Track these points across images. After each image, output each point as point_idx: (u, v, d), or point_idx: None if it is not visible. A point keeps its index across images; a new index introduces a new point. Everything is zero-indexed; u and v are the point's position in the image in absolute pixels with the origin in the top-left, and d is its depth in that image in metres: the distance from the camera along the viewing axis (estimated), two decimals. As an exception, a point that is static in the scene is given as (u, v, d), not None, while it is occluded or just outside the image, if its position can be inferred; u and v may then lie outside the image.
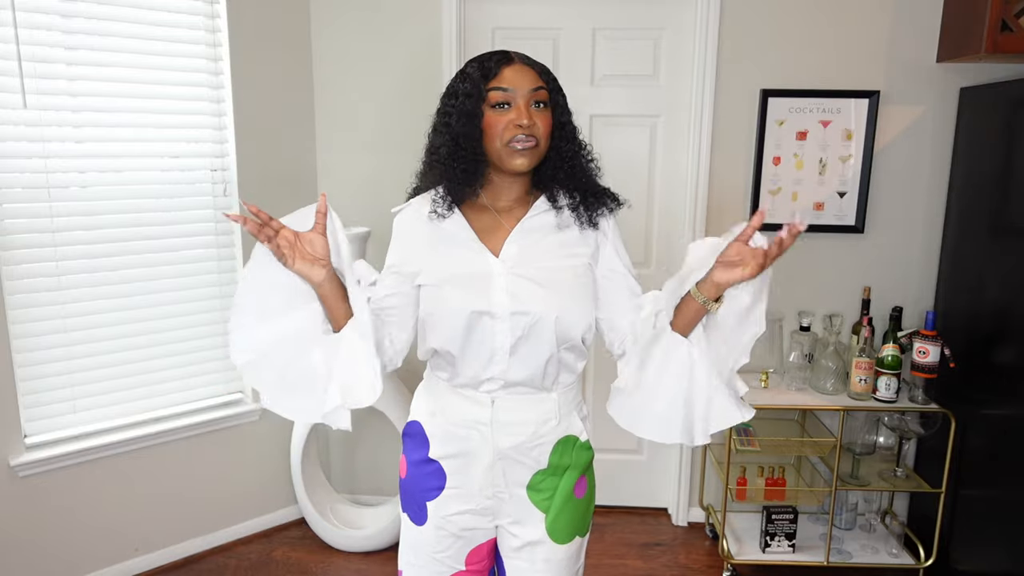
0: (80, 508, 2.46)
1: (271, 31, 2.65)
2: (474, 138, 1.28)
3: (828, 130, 2.62)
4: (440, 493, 1.40)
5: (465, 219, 1.34)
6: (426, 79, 2.72)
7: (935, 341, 2.38)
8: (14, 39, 2.16)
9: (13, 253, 2.26)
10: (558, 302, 1.29)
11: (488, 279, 1.30)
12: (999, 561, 2.28)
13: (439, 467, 1.40)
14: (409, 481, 1.44)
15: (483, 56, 1.32)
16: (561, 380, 1.37)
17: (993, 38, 2.23)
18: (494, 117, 1.27)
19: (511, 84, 1.27)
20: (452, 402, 1.38)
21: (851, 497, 2.71)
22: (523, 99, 1.27)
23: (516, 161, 1.28)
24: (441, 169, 1.32)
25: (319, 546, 2.79)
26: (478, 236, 1.33)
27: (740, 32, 2.60)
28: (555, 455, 1.38)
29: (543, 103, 1.29)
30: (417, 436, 1.43)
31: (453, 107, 1.30)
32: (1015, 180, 2.23)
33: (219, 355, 2.73)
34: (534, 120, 1.26)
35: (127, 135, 2.42)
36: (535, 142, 1.27)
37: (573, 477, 1.40)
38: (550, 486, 1.38)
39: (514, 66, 1.28)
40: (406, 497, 1.46)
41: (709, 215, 2.71)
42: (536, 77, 1.29)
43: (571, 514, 1.40)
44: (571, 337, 1.32)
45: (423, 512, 1.41)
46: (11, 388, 2.28)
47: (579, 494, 1.42)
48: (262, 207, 1.27)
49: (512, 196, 1.36)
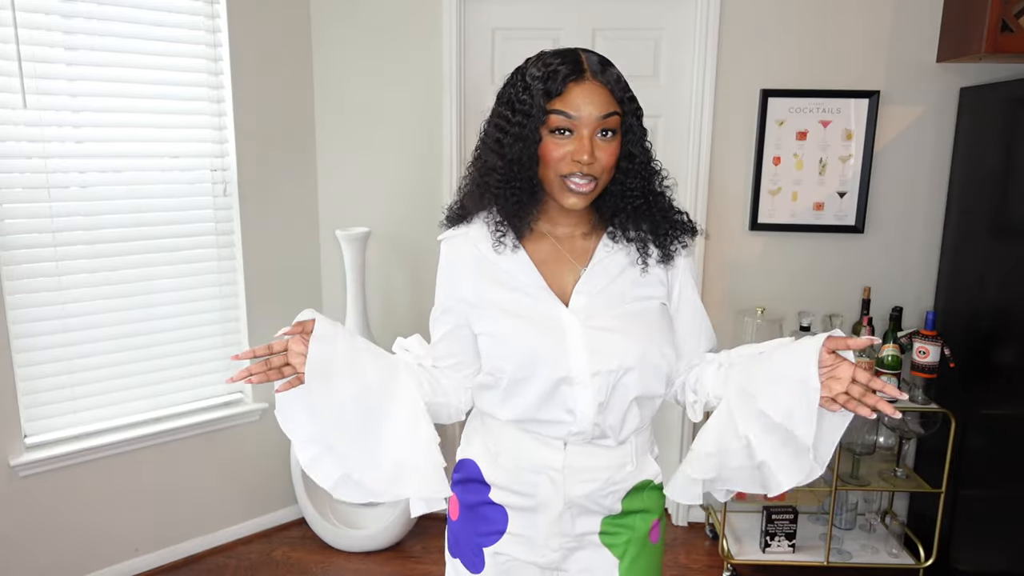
0: (80, 508, 2.46)
1: (271, 31, 2.64)
2: (528, 165, 1.11)
3: (828, 130, 2.62)
4: (500, 538, 1.26)
5: (528, 256, 1.19)
6: (426, 79, 2.72)
7: (935, 341, 2.38)
8: (14, 39, 2.16)
9: (13, 253, 2.26)
10: (640, 350, 1.15)
11: (560, 334, 1.15)
12: (999, 561, 2.28)
13: (502, 510, 1.26)
14: (461, 525, 1.30)
15: (549, 60, 1.11)
16: (639, 426, 1.25)
17: (993, 38, 2.23)
18: (552, 143, 1.09)
19: (576, 110, 1.07)
20: (520, 443, 1.23)
21: (851, 497, 2.71)
22: (588, 129, 1.08)
23: (570, 200, 1.12)
24: (493, 196, 1.16)
25: (319, 546, 2.79)
26: (540, 272, 1.18)
27: (740, 32, 2.59)
28: (628, 501, 1.26)
29: (612, 131, 1.10)
30: (474, 477, 1.28)
31: (508, 123, 1.12)
32: (1015, 180, 2.23)
33: (219, 355, 2.73)
34: (596, 156, 1.09)
35: (127, 135, 2.42)
36: (593, 183, 1.11)
37: (648, 521, 1.28)
38: (625, 528, 1.26)
39: (584, 84, 1.08)
40: (458, 542, 1.32)
41: (709, 215, 2.71)
42: (609, 100, 1.09)
43: (647, 560, 1.28)
44: (653, 387, 1.19)
45: (479, 559, 1.27)
46: (11, 388, 2.28)
47: (654, 539, 1.30)
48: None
49: (571, 223, 1.21)
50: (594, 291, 1.18)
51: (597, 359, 1.14)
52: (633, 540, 1.26)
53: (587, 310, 1.17)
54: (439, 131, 2.74)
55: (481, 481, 1.27)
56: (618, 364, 1.14)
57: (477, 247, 1.20)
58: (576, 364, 1.14)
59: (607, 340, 1.15)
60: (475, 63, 2.74)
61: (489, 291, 1.19)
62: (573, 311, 1.16)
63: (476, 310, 1.20)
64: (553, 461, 1.21)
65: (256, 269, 2.71)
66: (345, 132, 2.81)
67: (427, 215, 2.79)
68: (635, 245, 1.20)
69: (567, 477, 1.21)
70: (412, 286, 2.89)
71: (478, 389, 1.26)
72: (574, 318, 1.16)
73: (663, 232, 1.20)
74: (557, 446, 1.21)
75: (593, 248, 1.21)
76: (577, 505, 1.23)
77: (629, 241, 1.20)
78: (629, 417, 1.20)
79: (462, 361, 1.26)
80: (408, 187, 2.80)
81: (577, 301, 1.17)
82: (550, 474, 1.21)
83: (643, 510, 1.27)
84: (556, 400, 1.17)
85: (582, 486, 1.22)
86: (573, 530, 1.24)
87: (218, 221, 2.64)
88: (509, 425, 1.23)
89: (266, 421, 2.82)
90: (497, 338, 1.18)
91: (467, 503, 1.30)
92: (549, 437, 1.21)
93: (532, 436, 1.22)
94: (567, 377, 1.15)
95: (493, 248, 1.18)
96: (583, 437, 1.19)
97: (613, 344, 1.15)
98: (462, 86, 2.72)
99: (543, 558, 1.25)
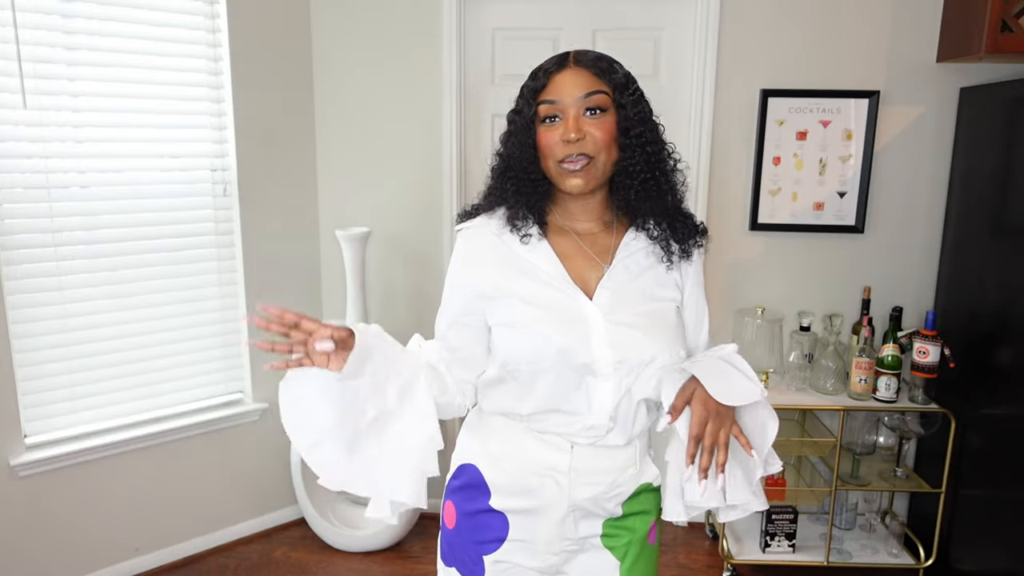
0: (80, 508, 2.46)
1: (271, 31, 2.65)
2: (528, 159, 1.14)
3: (828, 130, 2.62)
4: (501, 545, 1.24)
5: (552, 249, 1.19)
6: (426, 79, 2.72)
7: (935, 341, 2.38)
8: (14, 39, 2.16)
9: (13, 253, 2.26)
10: (659, 349, 1.15)
11: (583, 326, 1.14)
12: (999, 561, 2.28)
13: (502, 517, 1.24)
14: (459, 533, 1.27)
15: (540, 64, 1.16)
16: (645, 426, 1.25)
17: (993, 38, 2.23)
18: (544, 133, 1.13)
19: (558, 94, 1.11)
20: (525, 445, 1.22)
21: (851, 497, 2.71)
22: (573, 109, 1.10)
23: (569, 182, 1.13)
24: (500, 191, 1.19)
25: (319, 546, 2.79)
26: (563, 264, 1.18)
27: (740, 32, 2.59)
28: (629, 504, 1.26)
29: (599, 109, 1.11)
30: (474, 483, 1.26)
31: (509, 125, 1.18)
32: (1015, 180, 2.23)
33: (219, 355, 2.73)
34: (584, 132, 1.10)
35: (127, 135, 2.42)
36: (586, 159, 1.11)
37: (647, 522, 1.28)
38: (626, 530, 1.27)
39: (565, 71, 1.12)
40: (453, 550, 1.29)
41: (709, 215, 2.71)
42: (591, 80, 1.11)
43: (647, 562, 1.29)
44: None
45: (479, 567, 1.25)
46: (11, 388, 2.28)
47: (652, 540, 1.31)
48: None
49: (589, 217, 1.21)
50: (617, 287, 1.18)
51: (619, 351, 1.14)
52: (634, 542, 1.27)
53: (611, 304, 1.17)
54: (439, 131, 2.74)
55: (481, 487, 1.25)
56: (639, 359, 1.15)
57: (500, 237, 1.20)
58: (599, 356, 1.14)
59: (629, 335, 1.15)
60: (475, 63, 2.74)
61: (510, 281, 1.18)
62: (597, 305, 1.16)
63: (493, 301, 1.19)
64: (559, 464, 1.20)
65: (256, 269, 2.71)
66: (345, 132, 2.81)
67: (427, 215, 2.80)
68: (659, 243, 1.20)
69: (573, 480, 1.21)
70: (412, 286, 2.88)
71: (487, 387, 1.25)
72: (598, 312, 1.16)
73: (679, 227, 1.20)
74: (564, 448, 1.20)
75: (615, 245, 1.21)
76: (581, 508, 1.23)
77: (652, 239, 1.20)
78: (639, 415, 1.21)
79: (470, 356, 1.24)
80: (408, 187, 2.80)
81: (601, 296, 1.17)
82: (556, 477, 1.21)
83: (642, 512, 1.28)
84: (578, 391, 1.16)
85: (587, 489, 1.21)
86: (576, 533, 1.24)
87: (218, 221, 2.64)
88: (515, 427, 1.23)
89: (266, 421, 2.82)
90: (517, 327, 1.16)
91: (465, 511, 1.27)
92: (557, 437, 1.20)
93: (537, 438, 1.21)
94: (591, 368, 1.14)
95: (519, 239, 1.18)
96: (594, 433, 1.19)
97: (635, 339, 1.15)
98: (462, 86, 2.72)
99: (544, 562, 1.24)
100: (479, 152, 2.77)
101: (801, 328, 2.57)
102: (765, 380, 2.55)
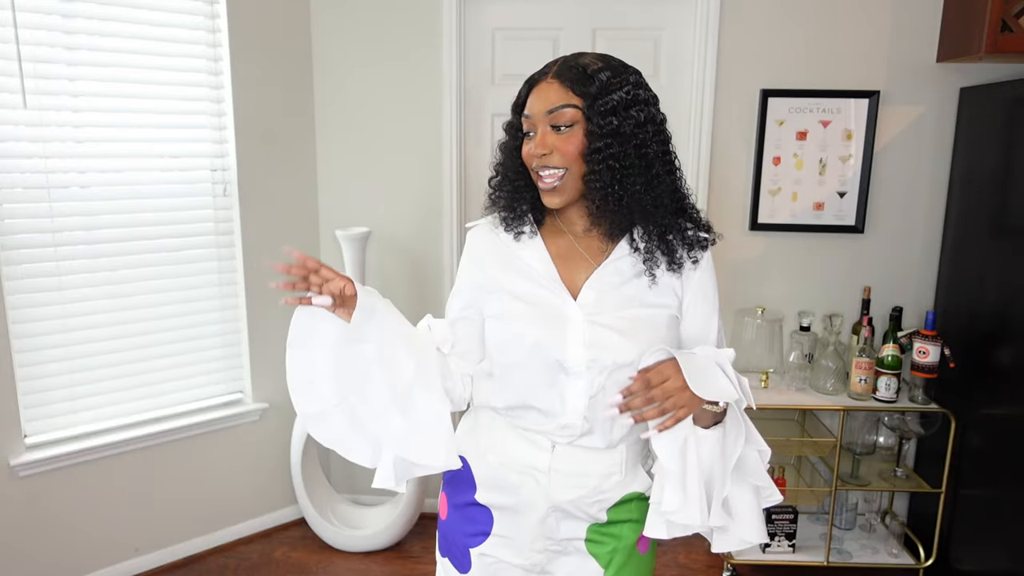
0: (80, 508, 2.46)
1: (271, 31, 2.65)
2: (516, 167, 1.20)
3: (828, 130, 2.62)
4: (486, 539, 1.27)
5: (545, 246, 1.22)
6: (426, 79, 2.72)
7: (935, 341, 2.38)
8: (14, 39, 2.16)
9: (13, 253, 2.26)
10: (638, 353, 1.14)
11: (561, 323, 1.17)
12: (999, 561, 2.28)
13: (487, 511, 1.28)
14: (450, 525, 1.32)
15: (534, 72, 1.19)
16: (631, 433, 1.23)
17: (993, 38, 2.23)
18: (524, 145, 1.18)
19: (531, 108, 1.15)
20: (508, 440, 1.24)
21: (851, 497, 2.71)
22: (542, 124, 1.13)
23: (544, 198, 1.17)
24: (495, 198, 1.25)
25: (319, 546, 2.79)
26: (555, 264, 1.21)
27: (740, 32, 2.59)
28: (614, 511, 1.25)
29: (565, 125, 1.12)
30: (462, 476, 1.29)
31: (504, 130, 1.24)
32: (1015, 180, 2.23)
33: (219, 355, 2.73)
34: (550, 147, 1.12)
35: (127, 135, 2.42)
36: (554, 173, 1.13)
37: (637, 530, 1.25)
38: (611, 537, 1.25)
39: (540, 84, 1.14)
40: (446, 542, 1.33)
41: (709, 215, 2.70)
42: (561, 94, 1.11)
43: (634, 571, 1.27)
44: None
45: (466, 559, 1.29)
46: (11, 388, 2.28)
47: (643, 550, 1.28)
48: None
49: (584, 220, 1.22)
50: (604, 289, 1.19)
51: (593, 351, 1.16)
52: (619, 550, 1.26)
53: (594, 306, 1.18)
54: (439, 131, 2.74)
55: (469, 480, 1.29)
56: (612, 360, 1.15)
57: (498, 235, 1.25)
58: (572, 354, 1.16)
59: (606, 337, 1.16)
60: (475, 63, 2.74)
61: (504, 277, 1.22)
62: (580, 304, 1.18)
63: (487, 294, 1.23)
64: (539, 462, 1.22)
65: (256, 269, 2.71)
66: (345, 132, 2.81)
67: (427, 215, 2.80)
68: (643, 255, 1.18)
69: (553, 480, 1.22)
70: (412, 286, 2.88)
71: (478, 380, 1.29)
72: (579, 311, 1.17)
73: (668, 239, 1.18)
74: (545, 447, 1.22)
75: (611, 249, 1.22)
76: (561, 510, 1.23)
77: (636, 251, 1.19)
78: (620, 418, 1.17)
79: (471, 348, 1.28)
80: (408, 187, 2.80)
81: (586, 296, 1.18)
82: (535, 475, 1.22)
83: (630, 520, 1.26)
84: (551, 388, 1.18)
85: (567, 491, 1.22)
86: (558, 534, 1.25)
87: (218, 221, 2.63)
88: (500, 422, 1.26)
89: (266, 421, 2.82)
90: (500, 320, 1.21)
91: (455, 503, 1.31)
92: (538, 434, 1.22)
93: (520, 435, 1.23)
94: (563, 366, 1.16)
95: (514, 237, 1.23)
96: (571, 432, 1.20)
97: (612, 342, 1.16)
98: (462, 86, 2.72)
99: (527, 560, 1.26)
100: (479, 152, 2.77)
101: (801, 328, 2.57)
102: (765, 380, 2.55)
